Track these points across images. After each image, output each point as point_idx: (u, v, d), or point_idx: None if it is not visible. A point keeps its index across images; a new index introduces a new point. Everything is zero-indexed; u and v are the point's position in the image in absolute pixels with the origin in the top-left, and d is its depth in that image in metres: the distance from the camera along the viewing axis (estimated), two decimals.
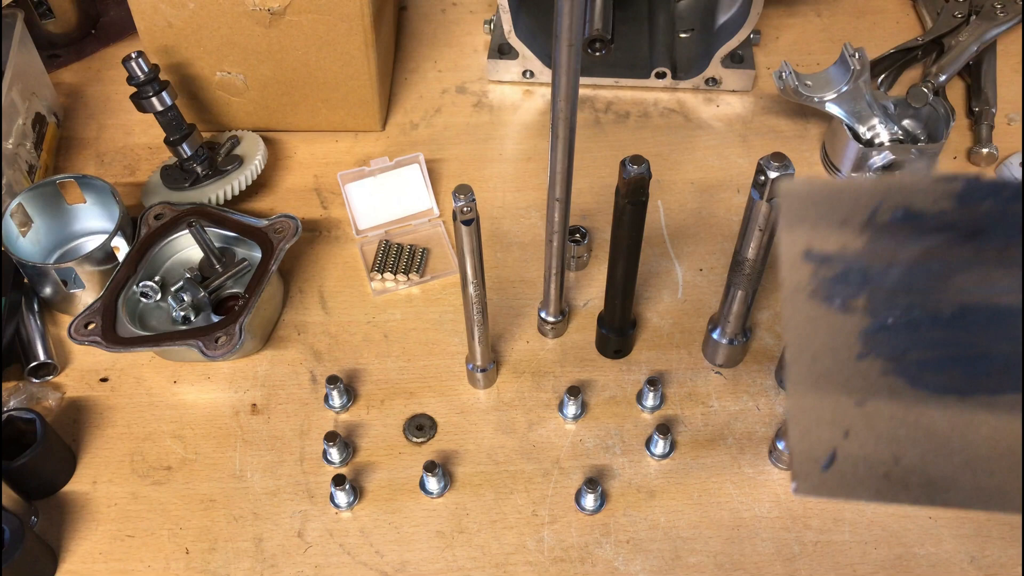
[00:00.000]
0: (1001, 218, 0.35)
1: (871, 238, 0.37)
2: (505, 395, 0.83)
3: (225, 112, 1.01)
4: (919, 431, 0.38)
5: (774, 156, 0.66)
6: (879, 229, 0.37)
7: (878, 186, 0.37)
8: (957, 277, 0.37)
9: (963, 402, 0.38)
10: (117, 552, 0.75)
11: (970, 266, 0.36)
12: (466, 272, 0.71)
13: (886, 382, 0.38)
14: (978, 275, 0.36)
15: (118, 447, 0.81)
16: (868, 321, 0.38)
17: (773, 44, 1.13)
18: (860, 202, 0.37)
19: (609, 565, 0.73)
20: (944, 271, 0.37)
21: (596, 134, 1.04)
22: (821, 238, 0.38)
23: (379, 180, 0.94)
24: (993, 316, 0.36)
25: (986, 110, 1.02)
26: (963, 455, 0.38)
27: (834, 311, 0.38)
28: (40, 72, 1.02)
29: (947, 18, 1.07)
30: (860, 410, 0.38)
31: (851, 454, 0.39)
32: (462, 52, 1.13)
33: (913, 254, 0.37)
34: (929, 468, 0.38)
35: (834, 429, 0.39)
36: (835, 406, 0.39)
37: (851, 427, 0.39)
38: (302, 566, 0.74)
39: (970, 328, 0.37)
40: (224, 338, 0.79)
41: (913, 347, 0.38)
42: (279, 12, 0.91)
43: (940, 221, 0.36)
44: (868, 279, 0.38)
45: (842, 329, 0.38)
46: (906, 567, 0.73)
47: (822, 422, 0.39)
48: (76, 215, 0.93)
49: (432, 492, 0.77)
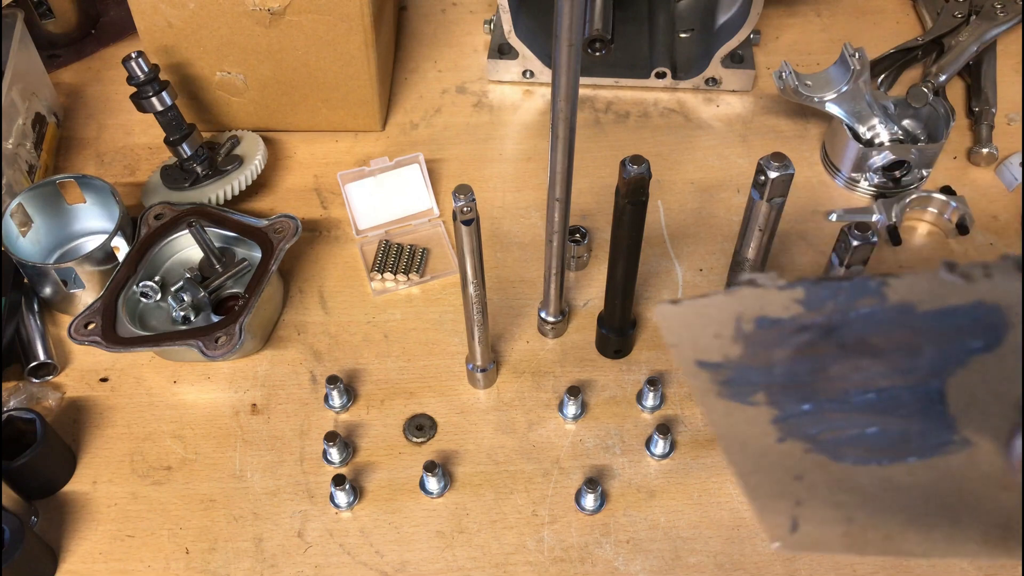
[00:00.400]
0: (847, 315, 0.37)
1: (745, 345, 0.39)
2: (505, 395, 0.83)
3: (225, 112, 1.01)
4: (857, 496, 0.40)
5: (774, 156, 0.66)
6: (748, 336, 0.39)
7: (734, 300, 0.39)
8: (832, 367, 0.38)
9: (885, 470, 0.40)
10: (117, 552, 0.75)
11: (839, 358, 0.38)
12: (466, 272, 0.71)
13: (811, 459, 0.40)
14: (849, 365, 0.38)
15: (118, 447, 0.81)
16: (775, 411, 0.40)
17: (773, 44, 1.13)
18: (723, 316, 0.39)
19: (609, 565, 0.73)
20: (819, 363, 0.38)
21: (596, 134, 1.04)
22: (703, 350, 0.40)
23: (379, 180, 0.94)
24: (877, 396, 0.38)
25: (986, 110, 1.02)
26: (904, 513, 0.40)
27: (743, 406, 0.40)
28: (40, 72, 1.02)
29: (947, 18, 1.07)
30: (801, 483, 0.40)
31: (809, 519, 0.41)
32: (462, 52, 1.13)
33: (786, 354, 0.39)
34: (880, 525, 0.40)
35: (787, 500, 0.41)
36: (779, 482, 0.41)
37: (800, 497, 0.41)
38: (302, 566, 0.74)
39: (861, 408, 0.39)
40: (224, 338, 0.79)
41: (822, 429, 0.39)
42: (279, 12, 0.91)
43: (796, 324, 0.38)
44: (758, 377, 0.39)
45: (756, 420, 0.40)
46: (906, 567, 0.73)
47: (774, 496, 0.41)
48: (76, 215, 0.93)
49: (432, 492, 0.77)
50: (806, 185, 0.99)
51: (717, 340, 0.39)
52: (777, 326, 0.39)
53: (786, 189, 0.68)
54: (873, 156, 0.94)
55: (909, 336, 0.37)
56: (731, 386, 0.40)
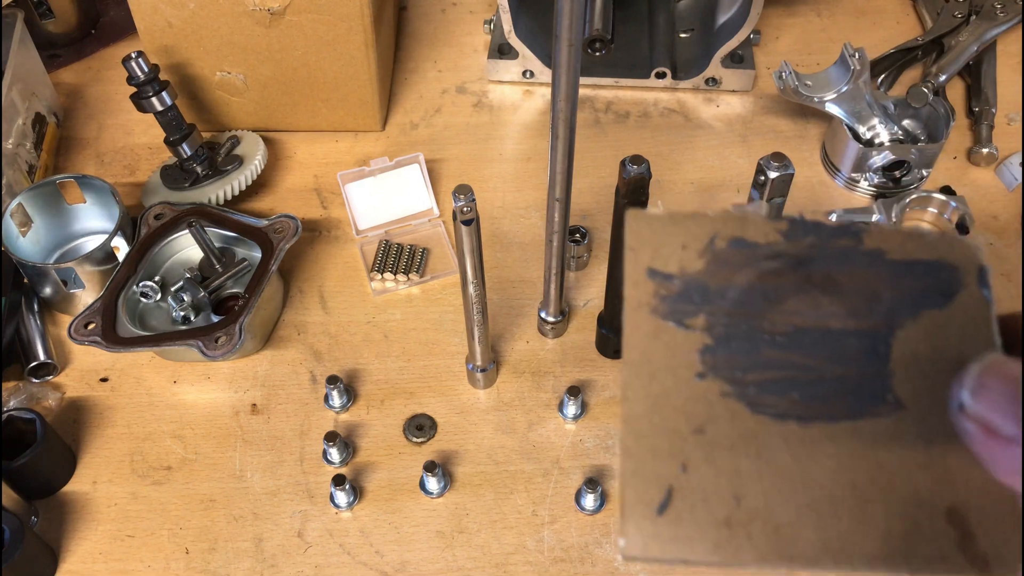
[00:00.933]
0: (823, 251, 0.40)
1: (710, 261, 0.41)
2: (505, 395, 0.83)
3: (225, 112, 1.01)
4: (761, 463, 0.39)
5: (774, 156, 0.66)
6: (717, 253, 0.41)
7: (715, 219, 0.41)
8: (790, 300, 0.40)
9: (804, 430, 0.39)
10: (117, 552, 0.75)
11: (800, 290, 0.40)
12: (466, 272, 0.71)
13: (725, 406, 0.39)
14: (808, 299, 0.40)
15: (118, 447, 0.81)
16: (707, 340, 0.40)
17: (773, 44, 1.13)
18: (699, 231, 0.41)
19: (609, 565, 0.73)
20: (777, 294, 0.40)
21: (596, 134, 1.04)
22: (663, 258, 0.41)
23: (379, 180, 0.94)
24: (824, 338, 0.40)
25: (986, 110, 1.02)
26: (807, 494, 0.38)
27: (674, 328, 0.41)
28: (40, 72, 1.02)
29: (947, 18, 1.07)
30: (699, 439, 0.39)
31: (689, 492, 0.38)
32: (462, 52, 1.13)
33: (748, 277, 0.41)
34: (773, 510, 0.38)
35: (671, 462, 0.39)
36: (673, 433, 0.39)
37: (689, 459, 0.39)
38: (302, 566, 0.74)
39: (804, 349, 0.40)
40: (224, 338, 0.79)
41: (752, 368, 0.40)
42: (279, 12, 0.91)
43: (771, 250, 0.41)
44: (707, 298, 0.40)
45: (682, 347, 0.41)
46: None
47: (658, 453, 0.39)
48: (76, 215, 0.93)
49: (432, 492, 0.77)
50: (806, 185, 0.99)
51: (682, 251, 0.41)
52: (750, 249, 0.41)
53: (786, 189, 0.68)
54: (873, 156, 0.94)
55: (873, 280, 0.40)
56: (673, 303, 0.41)
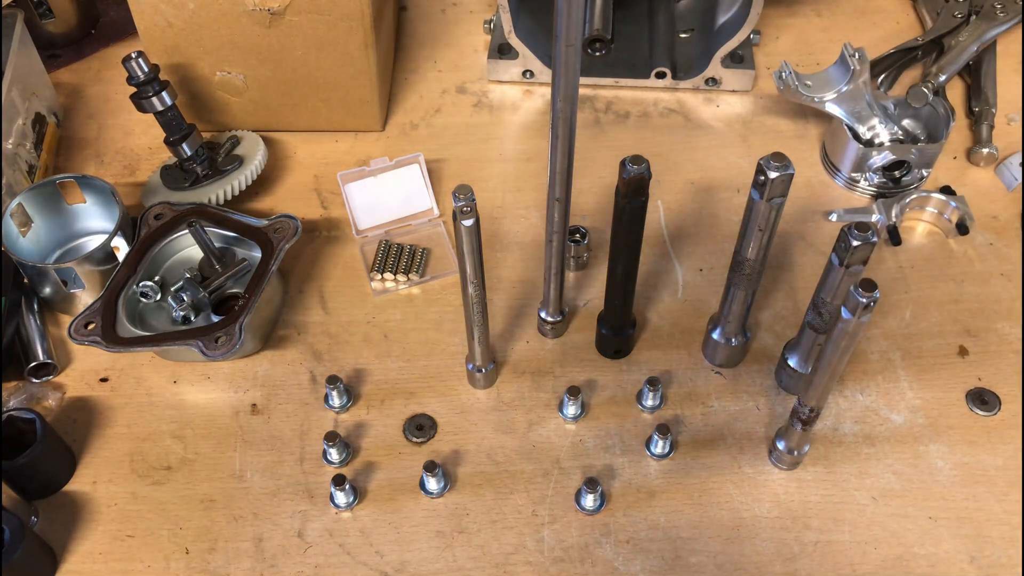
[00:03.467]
0: None
1: None
2: (505, 395, 0.83)
3: (225, 112, 1.01)
4: None
5: (774, 156, 0.66)
6: None
7: None
8: None
9: None
10: (117, 552, 0.75)
11: None
12: (466, 272, 0.71)
13: None
14: None
15: (118, 447, 0.81)
16: None
17: (773, 44, 1.13)
18: None
19: (609, 565, 0.73)
20: None
21: (596, 134, 1.04)
22: None
23: (379, 180, 0.94)
24: None
25: (986, 110, 1.02)
26: None
27: None
28: (40, 72, 1.02)
29: (947, 18, 1.07)
30: None
31: None
32: (462, 52, 1.13)
33: None
34: None
35: None
36: None
37: None
38: (302, 566, 0.74)
39: None
40: (224, 338, 0.79)
41: None
42: (279, 12, 0.91)
43: None
44: None
45: None
46: (906, 567, 0.73)
47: None
48: (76, 215, 0.93)
49: (432, 492, 0.77)
50: (806, 185, 0.99)
51: None
52: None
53: (786, 189, 0.68)
54: (873, 156, 0.94)
55: None
56: None
